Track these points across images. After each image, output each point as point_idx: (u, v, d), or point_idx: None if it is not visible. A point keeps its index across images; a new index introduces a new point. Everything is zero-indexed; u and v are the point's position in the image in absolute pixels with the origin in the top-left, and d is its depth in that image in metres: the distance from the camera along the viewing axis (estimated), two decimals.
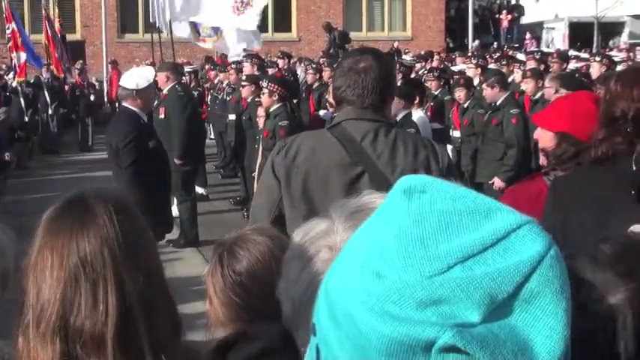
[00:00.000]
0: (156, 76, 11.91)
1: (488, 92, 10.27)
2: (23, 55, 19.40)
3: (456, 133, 11.55)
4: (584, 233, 2.57)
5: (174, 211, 10.56)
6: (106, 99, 25.94)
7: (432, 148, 3.77)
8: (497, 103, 10.17)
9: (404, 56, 23.47)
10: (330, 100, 7.52)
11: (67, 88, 21.98)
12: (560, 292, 0.99)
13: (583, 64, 16.67)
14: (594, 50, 26.11)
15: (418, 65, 19.54)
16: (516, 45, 33.36)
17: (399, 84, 10.74)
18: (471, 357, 0.93)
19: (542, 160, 3.96)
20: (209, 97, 17.81)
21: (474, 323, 0.95)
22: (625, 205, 2.52)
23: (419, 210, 1.01)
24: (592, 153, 3.12)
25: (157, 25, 16.96)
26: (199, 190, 13.40)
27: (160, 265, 1.98)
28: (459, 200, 1.02)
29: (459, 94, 11.46)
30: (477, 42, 30.33)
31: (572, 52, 22.87)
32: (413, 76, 16.27)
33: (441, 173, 3.66)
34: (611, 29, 38.55)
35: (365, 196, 1.54)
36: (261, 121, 10.55)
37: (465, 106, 11.36)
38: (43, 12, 22.11)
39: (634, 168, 2.49)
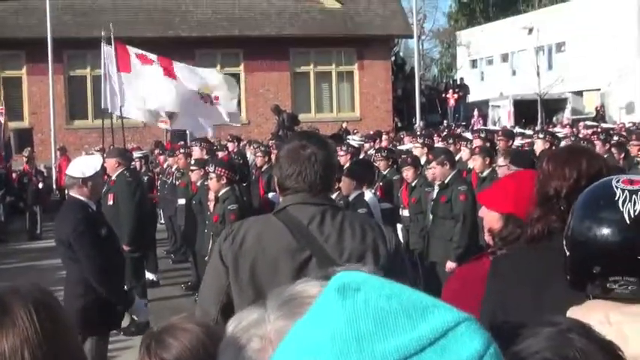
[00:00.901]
0: (104, 162, 11.91)
1: (437, 170, 10.34)
2: None
3: (406, 212, 11.62)
4: (522, 315, 2.57)
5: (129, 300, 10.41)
6: (54, 186, 25.73)
7: (379, 230, 3.77)
8: (446, 181, 10.26)
9: (353, 136, 23.68)
10: None
11: (14, 176, 21.78)
12: None
13: (528, 140, 16.94)
14: (538, 127, 26.57)
15: (367, 145, 19.71)
16: (464, 123, 33.90)
17: (348, 164, 10.85)
18: None
19: (488, 239, 3.98)
20: (159, 181, 17.77)
21: None
22: (559, 284, 2.53)
23: (353, 309, 0.98)
24: (528, 232, 3.19)
25: (109, 110, 16.98)
26: (150, 276, 13.27)
27: None
28: (395, 298, 0.99)
29: (407, 172, 11.56)
30: (421, 122, 30.69)
31: (517, 130, 23.27)
32: (362, 156, 16.41)
33: (389, 256, 3.66)
34: (554, 106, 39.49)
35: (299, 285, 1.53)
36: (211, 205, 10.54)
37: (413, 184, 11.45)
38: None
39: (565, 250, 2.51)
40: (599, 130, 22.36)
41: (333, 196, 9.44)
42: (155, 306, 11.35)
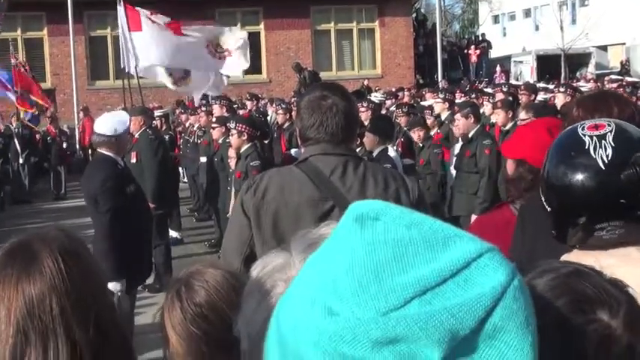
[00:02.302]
0: None
1: (462, 123, 10.27)
2: None
3: None
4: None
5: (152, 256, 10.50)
6: (78, 146, 25.84)
7: (402, 180, 3.77)
8: (470, 135, 10.21)
9: (374, 93, 23.57)
10: None
11: (37, 137, 21.88)
12: (526, 325, 0.93)
13: (551, 95, 16.82)
14: (562, 82, 26.35)
15: (389, 102, 19.62)
16: (486, 79, 33.63)
17: (369, 121, 10.79)
18: None
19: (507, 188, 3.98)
20: (181, 140, 17.81)
21: None
22: None
23: (372, 239, 0.95)
24: None
25: (127, 70, 16.97)
26: (174, 234, 13.35)
27: (112, 312, 1.89)
28: (415, 227, 0.95)
29: (418, 133, 11.53)
30: (443, 79, 30.52)
31: (540, 85, 23.08)
32: (383, 112, 16.34)
33: (412, 206, 3.65)
34: (577, 61, 39.02)
35: (323, 227, 1.51)
36: (232, 162, 10.53)
37: (421, 145, 11.42)
38: (13, 61, 22.01)
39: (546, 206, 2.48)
40: (624, 83, 22.17)
41: (358, 150, 9.43)
42: (179, 263, 11.42)
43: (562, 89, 13.82)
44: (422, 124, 11.54)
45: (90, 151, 18.90)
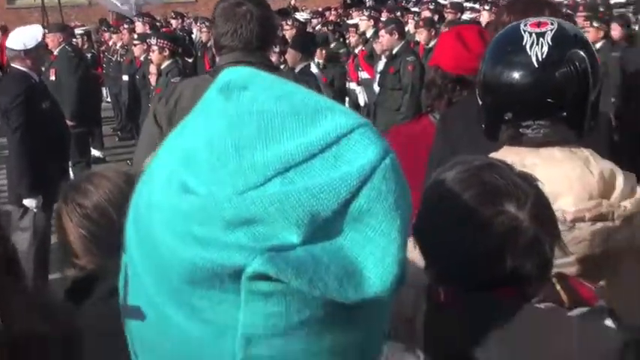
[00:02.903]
0: (45, 38, 11.65)
1: (385, 39, 10.26)
2: None
3: (352, 85, 11.58)
4: None
5: (70, 174, 10.35)
6: None
7: (316, 87, 3.73)
8: (394, 52, 10.21)
9: (301, 12, 23.34)
10: None
11: None
12: (395, 208, 0.84)
13: (477, 14, 16.84)
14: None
15: (315, 21, 19.47)
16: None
17: (294, 37, 10.71)
18: (287, 284, 0.81)
19: None
20: (104, 59, 17.46)
21: (294, 245, 0.82)
22: None
23: (236, 111, 0.86)
24: None
25: None
26: (96, 152, 13.21)
27: None
28: (285, 99, 0.86)
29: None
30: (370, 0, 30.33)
31: (467, 4, 23.08)
32: (309, 31, 16.21)
33: None
34: None
35: None
36: (152, 78, 10.39)
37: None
38: None
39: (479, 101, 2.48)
40: None
41: (281, 68, 9.36)
42: None
43: (487, 7, 13.86)
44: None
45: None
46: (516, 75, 2.29)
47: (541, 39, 2.30)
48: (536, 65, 2.27)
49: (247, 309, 0.84)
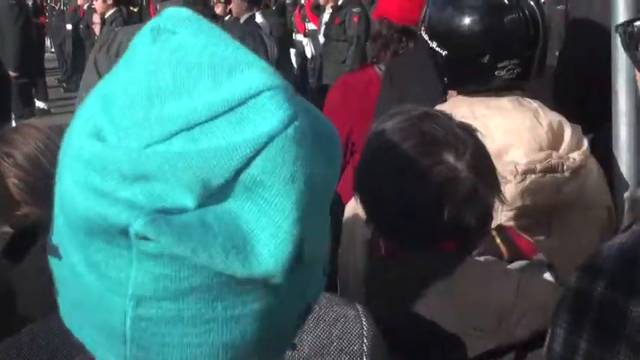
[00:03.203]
0: None
1: None
2: None
3: (299, 37, 11.47)
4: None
5: (12, 124, 10.19)
6: None
7: (260, 39, 3.69)
8: (339, 3, 10.13)
9: None
10: None
11: None
12: (291, 182, 0.79)
13: None
14: None
15: None
16: None
17: None
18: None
19: None
20: (47, 7, 17.14)
21: (186, 209, 0.78)
22: None
23: (158, 56, 0.81)
24: None
25: None
26: (40, 104, 12.99)
27: None
28: (207, 49, 0.80)
29: None
30: None
31: None
32: None
33: (270, 63, 3.59)
34: None
35: None
36: (96, 28, 10.17)
37: None
38: None
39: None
40: None
41: (226, 19, 9.24)
42: None
43: None
44: None
45: None
46: (494, 17, 2.28)
47: None
48: (507, 1, 2.27)
49: (138, 268, 0.80)
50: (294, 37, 11.61)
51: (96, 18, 10.20)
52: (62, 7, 14.94)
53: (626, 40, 1.38)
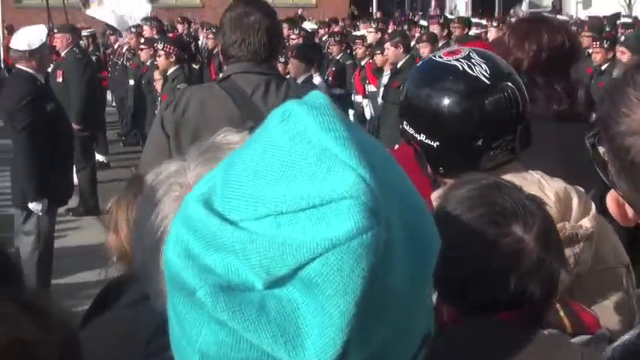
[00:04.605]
0: (54, 38, 11.65)
1: (390, 52, 10.22)
2: None
3: (358, 98, 11.56)
4: None
5: (74, 178, 10.35)
6: (2, 65, 25.16)
7: None
8: (398, 66, 10.18)
9: (308, 22, 23.38)
10: None
11: None
12: (342, 291, 0.82)
13: (483, 30, 16.87)
14: (496, 17, 26.45)
15: (322, 31, 19.49)
16: (420, 12, 33.61)
17: (297, 47, 10.71)
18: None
19: None
20: (110, 62, 17.46)
21: (255, 288, 0.84)
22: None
23: (278, 138, 0.88)
24: None
25: None
26: (100, 157, 13.17)
27: None
28: (323, 142, 0.86)
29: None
30: (378, 11, 30.46)
31: (474, 20, 23.14)
32: (316, 41, 16.24)
33: None
34: None
35: (221, 134, 1.48)
36: (158, 84, 10.32)
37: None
38: None
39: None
40: None
41: None
42: (105, 187, 11.27)
43: (495, 24, 13.91)
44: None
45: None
46: (476, 97, 2.27)
47: (471, 60, 2.30)
48: (489, 82, 2.27)
49: (207, 328, 0.88)
50: (352, 99, 11.70)
51: (157, 75, 10.37)
52: (125, 63, 15.21)
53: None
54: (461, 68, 2.29)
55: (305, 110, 0.89)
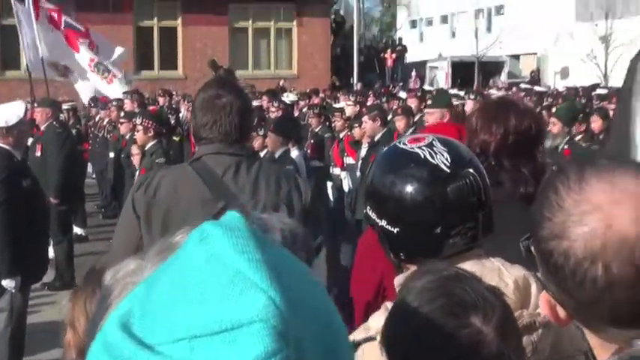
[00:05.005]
0: (33, 112, 11.69)
1: (368, 125, 10.31)
2: None
3: (337, 171, 11.59)
4: None
5: (50, 252, 10.28)
6: None
7: (294, 182, 3.75)
8: (376, 139, 10.25)
9: (288, 94, 23.57)
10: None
11: None
12: None
13: (462, 102, 17.05)
14: (474, 89, 26.78)
15: (302, 103, 19.65)
16: (401, 83, 34.00)
17: (275, 121, 10.77)
18: None
19: None
20: (91, 135, 17.50)
21: None
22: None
23: (194, 261, 0.91)
24: None
25: (26, 63, 16.60)
26: (78, 230, 13.12)
27: None
28: (237, 264, 0.89)
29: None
30: (359, 83, 30.80)
31: (452, 91, 23.39)
32: (297, 113, 16.36)
33: (304, 209, 3.64)
34: (491, 68, 39.77)
35: (179, 235, 1.49)
36: (135, 159, 10.28)
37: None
38: None
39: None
40: (532, 92, 22.66)
41: (262, 154, 9.40)
42: (82, 261, 11.22)
43: (472, 96, 14.07)
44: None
45: None
46: (436, 186, 2.29)
47: (434, 148, 2.33)
48: (449, 170, 2.29)
49: None
50: (331, 171, 11.74)
51: (135, 149, 10.34)
52: (106, 135, 15.26)
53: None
54: (422, 156, 2.31)
55: (220, 232, 0.92)
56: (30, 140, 10.51)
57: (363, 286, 3.62)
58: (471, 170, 2.31)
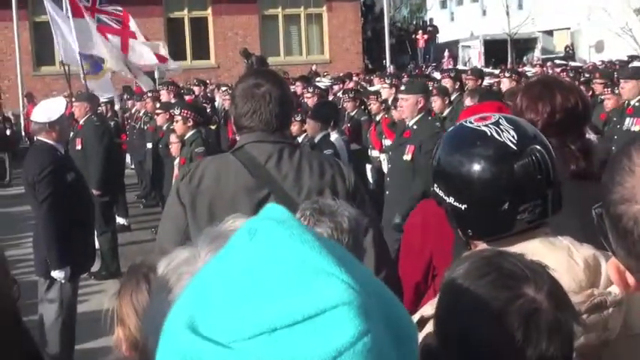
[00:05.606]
0: (72, 107, 11.82)
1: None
2: None
3: (375, 153, 11.61)
4: None
5: (96, 243, 10.42)
6: (23, 133, 25.48)
7: (338, 167, 3.78)
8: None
9: (322, 79, 23.56)
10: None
11: None
12: None
13: (497, 80, 16.96)
14: (508, 66, 26.56)
15: (336, 87, 19.63)
16: (434, 64, 33.81)
17: (314, 106, 10.80)
18: None
19: None
20: (128, 126, 17.64)
21: None
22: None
23: (253, 256, 0.91)
24: None
25: (61, 59, 16.62)
26: (120, 220, 13.27)
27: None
28: (300, 254, 0.90)
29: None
30: (391, 65, 30.65)
31: (486, 70, 23.25)
32: (331, 98, 16.36)
33: (348, 193, 3.68)
34: (524, 45, 39.38)
35: (230, 221, 1.52)
36: (173, 148, 10.38)
37: None
38: None
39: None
40: (568, 68, 22.42)
41: (300, 139, 9.44)
42: (126, 250, 11.41)
43: (507, 74, 14.00)
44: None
45: (35, 138, 18.57)
46: (503, 163, 2.32)
47: (500, 126, 2.35)
48: (515, 147, 2.32)
49: None
50: (369, 154, 11.77)
51: (173, 138, 10.41)
52: (143, 126, 15.37)
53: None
54: (489, 134, 2.34)
55: (272, 225, 0.92)
56: (70, 135, 10.64)
57: (411, 267, 3.65)
58: (537, 147, 2.33)
